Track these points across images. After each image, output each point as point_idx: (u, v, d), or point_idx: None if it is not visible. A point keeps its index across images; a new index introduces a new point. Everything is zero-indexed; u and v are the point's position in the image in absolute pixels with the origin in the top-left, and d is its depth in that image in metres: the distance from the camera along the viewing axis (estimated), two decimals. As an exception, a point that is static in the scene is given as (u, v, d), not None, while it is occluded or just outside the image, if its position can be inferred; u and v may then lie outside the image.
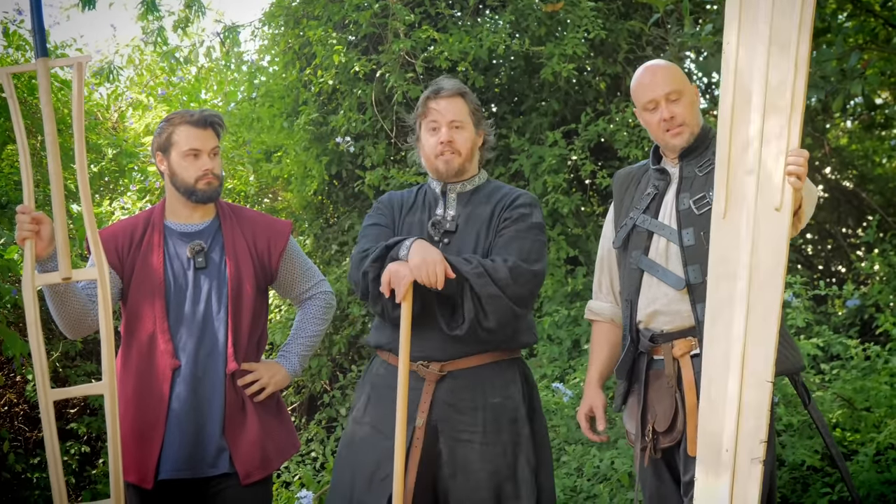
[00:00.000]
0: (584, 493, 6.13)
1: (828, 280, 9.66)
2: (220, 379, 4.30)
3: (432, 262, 3.88)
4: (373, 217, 4.35)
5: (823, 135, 10.35)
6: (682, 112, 4.12)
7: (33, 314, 3.75)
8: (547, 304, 7.99)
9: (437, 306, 4.02)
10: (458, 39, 8.06)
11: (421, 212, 4.29)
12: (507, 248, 4.09)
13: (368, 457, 4.12)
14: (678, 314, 4.05)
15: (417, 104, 4.33)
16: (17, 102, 3.91)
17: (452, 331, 4.00)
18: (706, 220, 3.98)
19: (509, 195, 4.28)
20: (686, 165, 4.15)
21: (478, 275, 3.92)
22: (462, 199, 4.29)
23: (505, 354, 4.20)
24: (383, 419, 4.14)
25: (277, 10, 9.04)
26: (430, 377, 4.11)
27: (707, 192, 4.02)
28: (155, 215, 4.47)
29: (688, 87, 4.16)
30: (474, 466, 4.05)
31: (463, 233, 4.17)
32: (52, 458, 3.72)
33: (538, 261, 4.12)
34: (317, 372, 8.66)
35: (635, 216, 4.20)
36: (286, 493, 7.45)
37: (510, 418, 4.15)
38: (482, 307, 3.94)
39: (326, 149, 8.74)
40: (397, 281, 3.93)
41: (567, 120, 8.69)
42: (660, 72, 4.19)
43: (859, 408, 6.20)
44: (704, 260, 3.94)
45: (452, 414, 4.10)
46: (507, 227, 4.17)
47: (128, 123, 11.08)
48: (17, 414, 9.11)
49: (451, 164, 4.24)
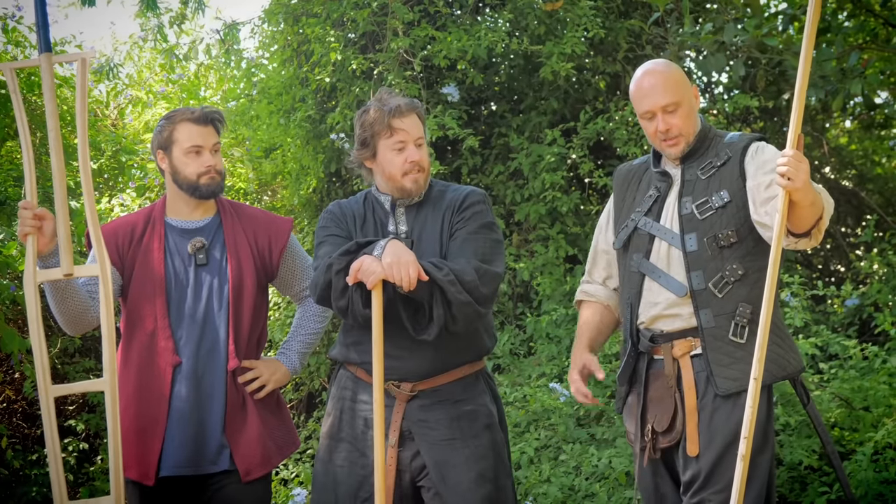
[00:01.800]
0: (581, 492, 6.14)
1: (827, 280, 9.66)
2: (221, 376, 4.31)
3: (405, 262, 3.81)
4: (329, 229, 4.24)
5: (823, 134, 10.34)
6: (678, 123, 4.08)
7: (35, 310, 3.75)
8: (546, 302, 7.99)
9: (402, 310, 3.97)
10: (457, 38, 8.05)
11: (373, 228, 4.21)
12: (463, 250, 4.05)
13: (349, 477, 4.13)
14: (679, 317, 4.05)
15: (368, 121, 4.17)
16: (20, 98, 3.90)
17: (419, 335, 3.96)
18: (709, 224, 3.99)
19: (457, 197, 4.22)
20: (688, 168, 4.13)
21: (450, 282, 3.87)
22: (411, 213, 4.22)
23: (471, 368, 4.21)
24: (358, 437, 4.15)
25: (277, 7, 9.03)
26: (401, 397, 4.11)
27: (710, 196, 4.02)
28: (156, 212, 4.47)
29: (685, 93, 4.11)
30: (461, 468, 4.06)
31: (419, 248, 4.10)
32: (53, 454, 3.72)
33: (497, 260, 4.10)
34: (315, 370, 8.65)
35: (637, 218, 4.19)
36: (284, 491, 7.46)
37: (485, 423, 4.16)
38: (451, 313, 3.90)
39: (324, 146, 8.74)
40: (367, 274, 3.84)
41: (566, 118, 8.69)
42: (658, 79, 4.13)
43: (857, 407, 6.21)
44: (707, 265, 3.96)
45: (427, 430, 4.10)
46: (459, 228, 4.13)
47: (127, 120, 11.07)
48: (16, 410, 9.10)
49: (419, 183, 4.17)
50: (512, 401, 6.98)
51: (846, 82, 7.31)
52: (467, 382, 4.18)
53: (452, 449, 4.07)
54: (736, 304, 3.93)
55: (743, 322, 3.92)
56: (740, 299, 3.94)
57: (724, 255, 3.96)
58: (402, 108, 4.13)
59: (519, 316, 8.49)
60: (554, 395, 6.80)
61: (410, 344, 4.03)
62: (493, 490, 4.08)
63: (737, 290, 3.93)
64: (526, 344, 8.09)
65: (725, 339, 3.94)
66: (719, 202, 3.99)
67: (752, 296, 3.91)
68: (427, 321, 3.94)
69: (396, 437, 4.08)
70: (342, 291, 3.95)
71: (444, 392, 4.13)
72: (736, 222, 3.95)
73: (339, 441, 4.19)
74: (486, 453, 4.11)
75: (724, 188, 4.01)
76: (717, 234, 3.97)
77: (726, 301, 3.94)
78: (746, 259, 3.95)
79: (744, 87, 8.76)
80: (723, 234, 3.97)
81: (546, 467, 6.39)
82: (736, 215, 3.96)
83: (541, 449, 6.74)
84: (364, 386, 4.16)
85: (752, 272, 3.94)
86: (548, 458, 6.62)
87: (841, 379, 6.40)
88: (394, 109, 4.11)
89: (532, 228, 8.54)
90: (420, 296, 3.89)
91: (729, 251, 3.96)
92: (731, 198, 3.99)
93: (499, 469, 4.14)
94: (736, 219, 3.96)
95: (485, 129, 8.95)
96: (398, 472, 4.09)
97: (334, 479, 4.15)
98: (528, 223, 8.50)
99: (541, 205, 8.17)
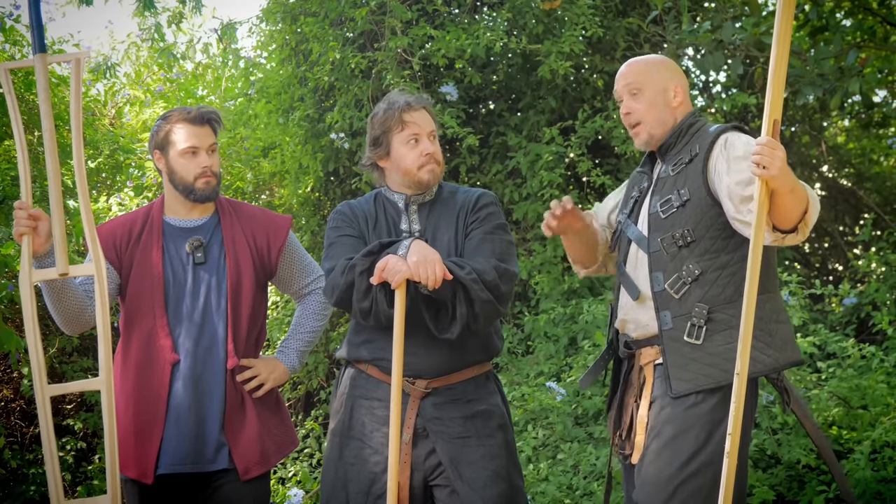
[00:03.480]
0: (580, 491, 6.14)
1: (825, 278, 9.66)
2: (220, 374, 4.31)
3: (432, 261, 3.83)
4: (340, 229, 4.23)
5: (821, 133, 10.35)
6: (639, 108, 4.06)
7: (30, 310, 3.75)
8: (543, 301, 7.99)
9: (425, 310, 3.99)
10: (456, 37, 8.04)
11: (386, 228, 4.22)
12: (481, 250, 4.07)
13: (360, 475, 4.12)
14: (638, 322, 4.03)
15: (380, 119, 4.19)
16: (15, 98, 3.90)
17: (442, 334, 3.97)
18: (670, 223, 3.94)
19: (469, 198, 4.25)
20: (665, 165, 4.09)
21: (473, 280, 3.89)
22: (423, 211, 4.24)
23: (482, 368, 4.22)
24: (369, 434, 4.15)
25: (275, 6, 9.03)
26: (415, 394, 4.11)
27: (672, 194, 3.96)
28: (154, 211, 4.47)
29: (655, 80, 4.07)
30: (476, 465, 4.06)
31: (433, 247, 4.06)
32: (49, 453, 3.71)
33: (512, 260, 4.12)
34: (313, 369, 8.65)
35: (622, 219, 4.19)
36: (282, 490, 7.46)
37: (499, 423, 4.18)
38: (474, 312, 3.91)
39: (322, 145, 8.74)
40: (392, 273, 3.85)
41: (564, 117, 8.68)
42: (630, 64, 4.14)
43: (855, 406, 6.20)
44: (667, 266, 3.92)
45: (442, 427, 4.10)
46: (475, 228, 4.15)
47: (125, 119, 11.06)
48: (14, 410, 9.10)
49: (436, 174, 4.19)
50: (510, 400, 6.97)
51: (844, 81, 7.31)
52: (479, 382, 4.19)
53: (467, 447, 4.07)
54: (692, 305, 3.86)
55: (699, 323, 3.84)
56: (697, 299, 3.86)
57: (682, 255, 3.90)
58: (413, 104, 4.17)
59: (517, 315, 8.49)
60: (552, 394, 6.80)
61: (426, 341, 4.04)
62: (508, 489, 4.08)
63: (693, 291, 3.86)
64: (524, 343, 8.09)
65: (681, 340, 3.87)
66: (678, 201, 3.93)
67: (709, 296, 3.85)
68: (450, 320, 3.95)
69: (411, 433, 4.08)
70: (365, 292, 3.95)
71: (457, 390, 4.13)
72: (694, 220, 3.87)
73: (349, 439, 4.19)
74: (500, 452, 4.12)
75: (686, 185, 3.93)
76: (674, 234, 3.91)
77: (683, 301, 3.88)
78: (704, 258, 3.87)
79: (742, 85, 8.77)
80: (679, 232, 3.90)
81: (544, 466, 6.40)
82: (694, 213, 3.88)
83: (539, 448, 6.75)
84: (375, 383, 4.16)
85: (710, 271, 3.86)
86: (546, 456, 6.63)
87: (839, 378, 6.40)
88: (404, 105, 4.15)
89: (530, 227, 8.54)
90: (443, 295, 3.91)
91: (686, 250, 3.89)
92: (691, 195, 3.90)
93: (511, 469, 4.15)
94: (694, 216, 3.87)
95: (482, 128, 8.95)
96: (410, 469, 4.09)
97: (345, 476, 4.15)
98: (525, 222, 8.50)
99: (539, 203, 8.17)
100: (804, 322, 6.84)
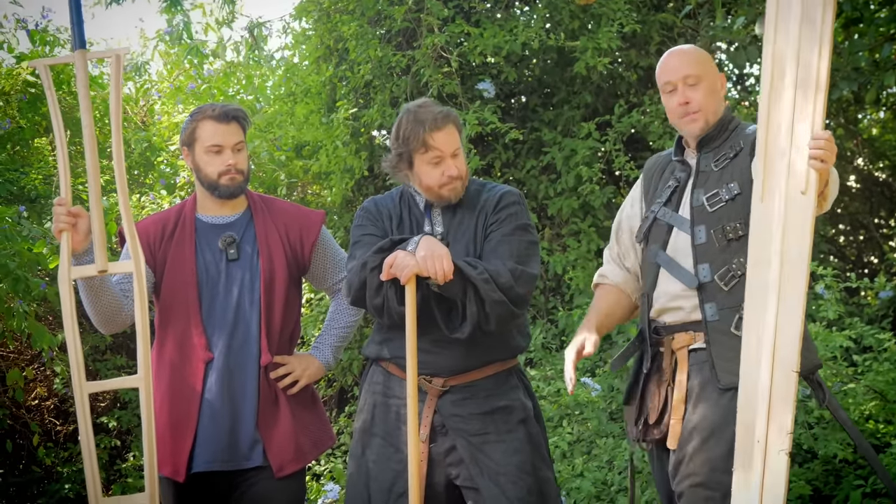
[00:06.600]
0: (615, 486, 6.14)
1: (860, 271, 9.60)
2: (254, 371, 4.31)
3: (439, 256, 3.82)
4: (365, 227, 4.22)
5: (856, 125, 10.29)
6: (698, 98, 4.06)
7: (69, 307, 3.77)
8: (577, 296, 7.96)
9: (436, 308, 3.98)
10: (493, 34, 8.03)
11: (409, 228, 4.21)
12: (498, 252, 4.05)
13: (383, 473, 4.12)
14: (682, 309, 4.03)
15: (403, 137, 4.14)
16: (54, 94, 3.92)
17: (453, 333, 3.96)
18: (717, 217, 3.97)
19: (492, 197, 4.21)
20: (703, 157, 4.11)
21: (484, 280, 3.87)
22: (447, 214, 4.21)
23: (504, 365, 4.20)
24: (391, 432, 4.15)
25: (309, 4, 9.03)
26: (432, 392, 4.11)
27: (720, 188, 3.99)
28: (186, 208, 4.48)
29: (709, 72, 4.10)
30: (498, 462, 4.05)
31: (453, 248, 4.08)
32: (87, 451, 3.73)
33: (532, 261, 4.09)
34: (347, 365, 8.65)
35: (656, 209, 4.18)
36: (317, 486, 7.47)
37: (520, 418, 4.16)
38: (485, 311, 3.90)
39: (361, 144, 8.73)
40: (400, 268, 3.85)
41: (599, 112, 8.65)
42: (682, 55, 4.15)
43: (892, 400, 6.17)
44: (716, 258, 3.94)
45: (461, 424, 4.09)
46: (494, 230, 4.12)
47: (156, 118, 11.09)
48: (48, 408, 9.15)
49: (457, 192, 4.16)
50: (545, 395, 6.96)
51: (879, 74, 7.25)
52: (499, 378, 4.17)
53: (487, 443, 4.06)
54: (741, 298, 3.83)
55: None
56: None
57: (732, 248, 3.92)
58: (438, 122, 4.08)
59: (551, 310, 8.47)
60: (586, 389, 6.78)
61: (441, 339, 4.03)
62: (534, 482, 4.07)
63: (743, 284, 3.84)
64: (558, 338, 8.07)
65: (728, 332, 3.89)
66: (728, 195, 3.97)
67: None
68: (461, 319, 3.94)
69: (427, 431, 4.07)
70: (377, 289, 3.95)
71: (476, 387, 4.12)
72: (744, 214, 3.86)
73: (371, 436, 4.19)
74: (522, 447, 4.10)
75: (735, 180, 3.97)
76: (725, 227, 3.94)
77: (732, 294, 3.90)
78: None
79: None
80: (731, 226, 3.93)
81: (579, 462, 6.39)
82: (745, 207, 3.87)
83: (574, 443, 6.73)
84: (396, 381, 4.16)
85: None
86: (580, 452, 6.61)
87: (875, 371, 6.36)
88: (429, 124, 4.07)
89: (564, 223, 8.52)
90: (453, 293, 3.90)
91: (737, 244, 3.92)
92: (741, 189, 3.94)
93: (536, 461, 4.12)
94: (745, 211, 3.86)
95: (517, 123, 8.93)
96: (430, 466, 4.08)
97: (367, 474, 4.15)
98: (560, 217, 8.47)
99: (573, 199, 8.15)
100: (840, 315, 6.79)
